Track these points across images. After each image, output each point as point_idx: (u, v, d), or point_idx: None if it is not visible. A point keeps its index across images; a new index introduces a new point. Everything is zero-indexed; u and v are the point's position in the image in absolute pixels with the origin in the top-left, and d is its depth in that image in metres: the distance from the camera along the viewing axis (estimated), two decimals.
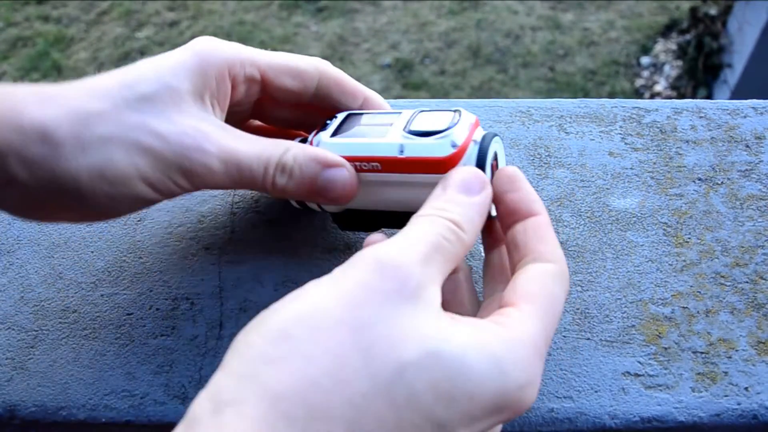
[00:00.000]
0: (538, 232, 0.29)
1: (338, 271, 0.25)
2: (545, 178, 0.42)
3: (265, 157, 0.32)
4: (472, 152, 0.31)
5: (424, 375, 0.22)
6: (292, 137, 0.39)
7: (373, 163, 0.33)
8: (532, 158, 0.44)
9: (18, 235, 0.41)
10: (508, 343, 0.24)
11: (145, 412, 0.34)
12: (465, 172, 0.30)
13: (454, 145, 0.30)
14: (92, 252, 0.40)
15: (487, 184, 0.30)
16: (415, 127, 0.32)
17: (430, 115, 0.32)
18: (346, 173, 0.33)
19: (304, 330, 0.23)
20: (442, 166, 0.30)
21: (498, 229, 0.33)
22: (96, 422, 0.34)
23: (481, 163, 0.31)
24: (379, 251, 0.25)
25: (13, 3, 2.92)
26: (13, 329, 0.37)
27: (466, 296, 0.32)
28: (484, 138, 0.31)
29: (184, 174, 0.31)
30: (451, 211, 0.28)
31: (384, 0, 2.92)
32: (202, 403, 0.22)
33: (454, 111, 0.32)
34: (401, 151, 0.32)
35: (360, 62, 2.59)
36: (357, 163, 0.33)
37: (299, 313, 0.23)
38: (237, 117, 0.37)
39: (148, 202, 0.32)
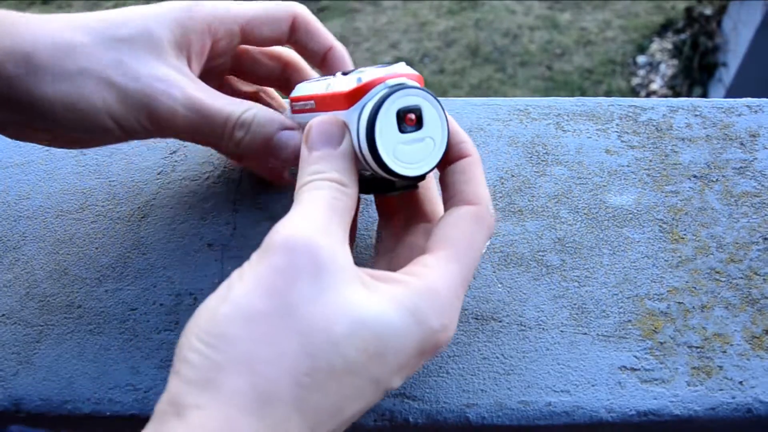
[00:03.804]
0: (466, 173, 0.31)
1: (255, 258, 0.26)
2: (543, 176, 0.43)
3: (228, 111, 0.34)
4: (376, 92, 0.29)
5: (355, 342, 0.25)
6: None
7: (309, 102, 0.33)
8: (530, 156, 0.44)
9: (24, 232, 0.41)
10: (424, 294, 0.27)
11: (149, 406, 0.35)
12: (321, 122, 0.30)
13: (358, 80, 0.30)
14: (97, 248, 0.40)
15: (344, 128, 0.30)
16: (350, 69, 0.32)
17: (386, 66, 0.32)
18: (299, 137, 0.35)
19: (239, 329, 0.24)
20: (345, 100, 0.30)
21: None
22: (101, 416, 0.35)
23: (379, 104, 0.29)
24: (285, 232, 0.26)
25: (18, 3, 2.91)
26: (19, 324, 0.37)
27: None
28: (399, 85, 0.30)
29: (149, 115, 0.33)
30: (327, 171, 0.29)
31: (384, 0, 2.92)
32: (165, 408, 0.24)
33: (398, 62, 0.32)
34: (327, 87, 0.32)
35: (360, 61, 2.59)
36: (297, 104, 0.35)
37: (232, 314, 0.25)
38: (216, 71, 0.39)
39: (114, 138, 0.34)
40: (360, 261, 0.39)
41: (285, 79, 0.40)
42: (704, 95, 2.47)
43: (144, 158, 0.45)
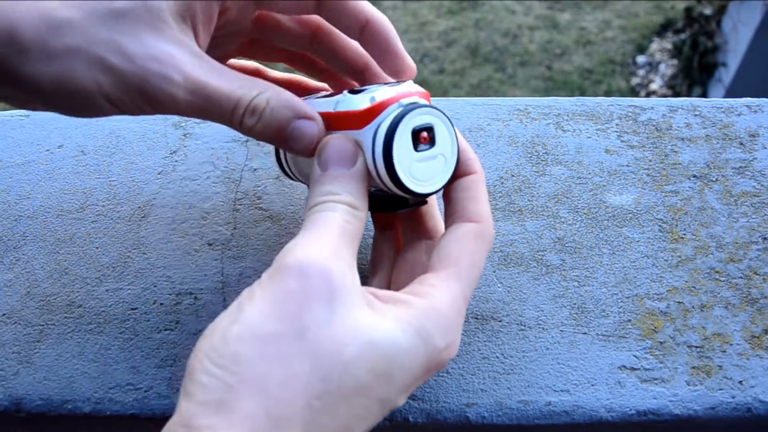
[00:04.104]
0: (470, 190, 0.31)
1: (266, 279, 0.26)
2: (543, 175, 0.43)
3: (237, 96, 0.30)
4: (391, 111, 0.30)
5: (364, 364, 0.25)
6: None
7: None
8: (529, 155, 0.44)
9: (24, 232, 0.41)
10: (429, 314, 0.27)
11: (149, 406, 0.35)
12: (336, 142, 0.30)
13: (372, 100, 0.30)
14: (97, 248, 0.40)
15: (358, 148, 0.30)
16: (359, 88, 0.32)
17: (395, 85, 0.32)
18: (316, 127, 0.32)
19: (251, 350, 0.24)
20: (358, 119, 0.30)
21: None
22: (101, 415, 0.35)
23: (395, 124, 0.29)
24: (298, 255, 0.26)
25: None
26: (20, 324, 0.38)
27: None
28: (413, 104, 0.30)
29: (146, 98, 0.30)
30: (340, 193, 0.29)
31: (384, 0, 2.92)
32: (175, 429, 0.24)
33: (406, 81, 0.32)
34: (336, 105, 0.32)
35: None
36: None
37: (244, 334, 0.25)
38: (232, 38, 0.36)
39: (113, 113, 0.32)
40: (359, 260, 0.39)
41: (317, 42, 0.37)
42: (704, 95, 2.47)
43: (144, 158, 0.45)
